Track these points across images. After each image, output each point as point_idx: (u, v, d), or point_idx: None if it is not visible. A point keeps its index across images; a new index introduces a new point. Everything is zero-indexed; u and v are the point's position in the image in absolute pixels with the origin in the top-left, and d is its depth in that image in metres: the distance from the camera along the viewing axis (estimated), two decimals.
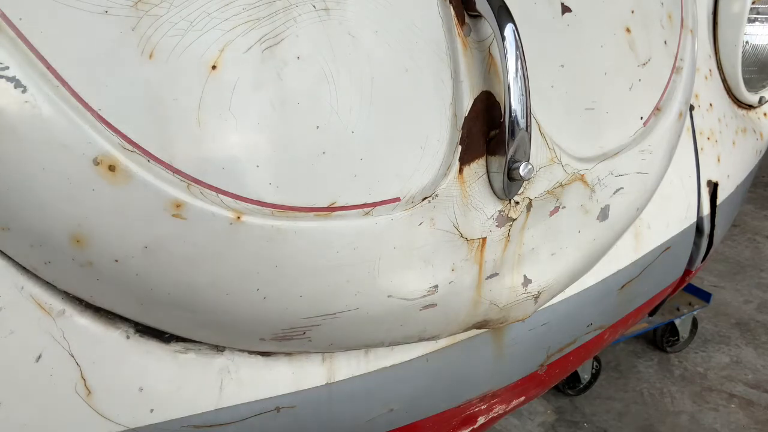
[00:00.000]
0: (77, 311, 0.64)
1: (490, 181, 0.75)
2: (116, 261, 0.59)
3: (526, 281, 0.84)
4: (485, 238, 0.77)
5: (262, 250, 0.62)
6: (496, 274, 0.81)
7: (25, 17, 0.52)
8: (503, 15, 0.69)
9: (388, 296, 0.72)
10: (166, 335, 0.69)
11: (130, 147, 0.55)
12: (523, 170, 0.72)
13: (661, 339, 1.99)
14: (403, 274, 0.72)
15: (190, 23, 0.57)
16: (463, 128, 0.72)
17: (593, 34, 0.86)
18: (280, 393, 0.75)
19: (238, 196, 0.60)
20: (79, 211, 0.56)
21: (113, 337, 0.66)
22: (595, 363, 1.79)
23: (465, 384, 0.94)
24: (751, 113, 1.43)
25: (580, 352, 1.13)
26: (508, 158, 0.72)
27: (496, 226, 0.77)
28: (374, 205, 0.67)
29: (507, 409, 1.07)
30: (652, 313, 1.59)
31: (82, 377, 0.63)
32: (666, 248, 1.15)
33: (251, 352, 0.74)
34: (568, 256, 0.88)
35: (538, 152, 0.78)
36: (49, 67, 0.53)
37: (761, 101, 1.42)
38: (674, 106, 0.96)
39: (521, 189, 0.78)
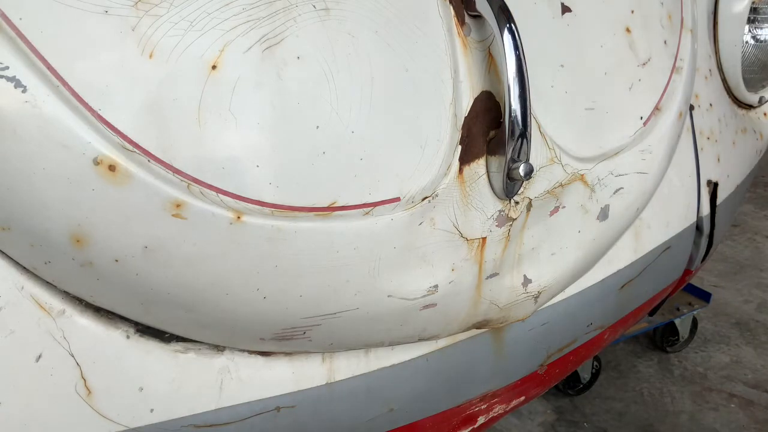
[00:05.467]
0: (77, 311, 0.64)
1: (490, 181, 0.75)
2: (116, 261, 0.59)
3: (526, 281, 0.84)
4: (485, 237, 0.77)
5: (262, 249, 0.62)
6: (496, 274, 0.81)
7: (25, 17, 0.52)
8: (503, 15, 0.69)
9: (388, 296, 0.72)
10: (166, 335, 0.69)
11: (130, 147, 0.55)
12: (523, 170, 0.72)
13: (661, 339, 1.99)
14: (403, 274, 0.72)
15: (190, 23, 0.57)
16: (463, 128, 0.72)
17: (593, 34, 0.86)
18: (280, 393, 0.75)
19: (238, 195, 0.60)
20: (79, 211, 0.56)
21: (113, 337, 0.66)
22: (595, 363, 1.79)
23: (465, 384, 0.94)
24: (751, 113, 1.43)
25: (580, 352, 1.13)
26: (508, 158, 0.72)
27: (496, 225, 0.77)
28: (374, 205, 0.67)
29: (507, 409, 1.07)
30: (652, 313, 1.59)
31: (82, 377, 0.63)
32: (666, 248, 1.15)
33: (251, 352, 0.74)
34: (568, 256, 0.88)
35: (538, 152, 0.78)
36: (49, 67, 0.52)
37: (761, 101, 1.42)
38: (674, 106, 0.96)
39: (521, 189, 0.78)
